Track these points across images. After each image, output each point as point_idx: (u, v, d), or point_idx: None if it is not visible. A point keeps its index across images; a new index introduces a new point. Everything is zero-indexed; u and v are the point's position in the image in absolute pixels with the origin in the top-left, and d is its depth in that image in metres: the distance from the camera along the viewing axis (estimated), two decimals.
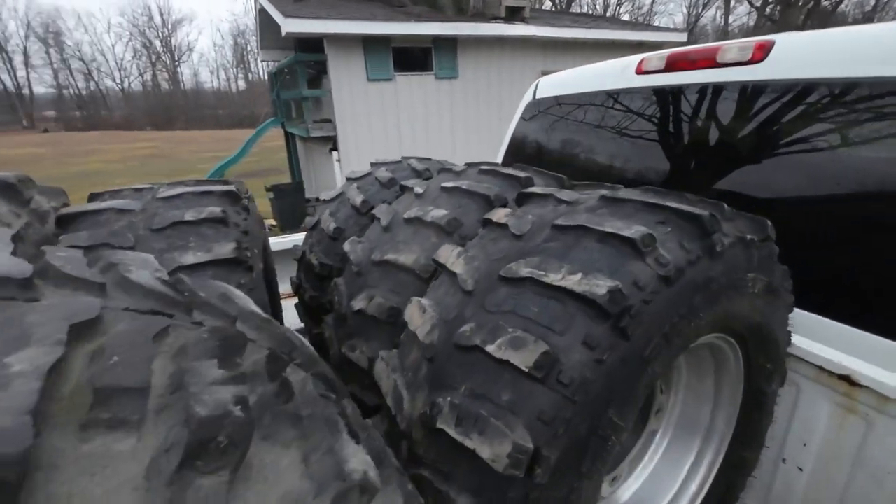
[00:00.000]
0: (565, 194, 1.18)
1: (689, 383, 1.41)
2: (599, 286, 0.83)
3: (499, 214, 1.15)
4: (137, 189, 1.50)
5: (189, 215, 1.34)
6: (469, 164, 1.80)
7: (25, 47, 55.33)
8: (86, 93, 60.43)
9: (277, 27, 9.57)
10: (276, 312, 2.30)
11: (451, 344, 0.94)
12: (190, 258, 1.24)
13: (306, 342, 0.94)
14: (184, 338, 0.56)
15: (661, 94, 2.03)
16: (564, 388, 0.79)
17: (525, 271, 0.92)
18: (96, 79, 60.26)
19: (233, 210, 1.48)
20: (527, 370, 0.80)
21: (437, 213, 1.39)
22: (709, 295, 0.94)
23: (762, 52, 1.64)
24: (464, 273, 1.02)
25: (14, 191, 1.29)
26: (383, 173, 2.03)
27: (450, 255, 1.11)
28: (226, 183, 1.62)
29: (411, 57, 10.95)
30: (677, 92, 1.95)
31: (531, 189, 1.26)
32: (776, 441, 1.49)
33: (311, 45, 10.35)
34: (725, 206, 1.08)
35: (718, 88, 1.79)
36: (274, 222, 11.18)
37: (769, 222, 1.13)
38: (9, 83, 54.63)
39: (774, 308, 1.19)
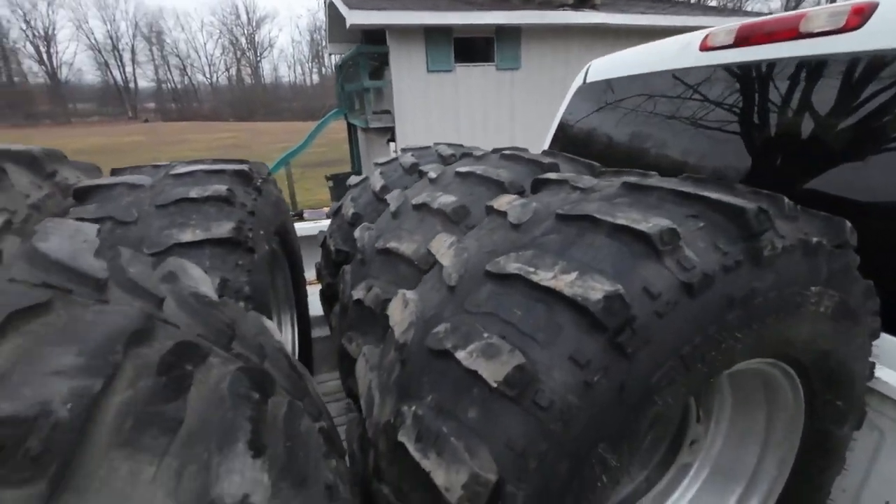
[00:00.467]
0: (584, 181, 1.00)
1: (734, 415, 1.17)
2: (595, 290, 0.66)
3: (501, 201, 1.00)
4: (156, 166, 1.52)
5: (194, 193, 1.32)
6: (494, 150, 1.65)
7: (133, 45, 61.89)
8: (180, 86, 66.53)
9: (344, 19, 9.81)
10: (301, 298, 2.29)
11: (424, 346, 0.81)
12: (188, 236, 1.22)
13: (270, 329, 0.87)
14: (63, 317, 0.49)
15: (729, 73, 1.74)
16: (541, 411, 0.64)
17: (513, 267, 0.78)
18: (189, 74, 66.10)
19: (242, 190, 1.45)
20: (495, 385, 0.66)
21: (445, 200, 1.26)
22: (750, 311, 0.74)
23: (860, 18, 1.33)
24: (450, 266, 0.89)
25: (37, 164, 1.34)
26: (408, 158, 1.94)
27: (441, 246, 0.99)
28: (241, 162, 1.59)
29: (473, 48, 10.78)
30: (749, 70, 1.66)
31: (546, 175, 1.09)
32: (849, 494, 1.22)
33: (375, 37, 10.52)
34: (787, 200, 0.86)
35: (803, 64, 1.49)
36: None
37: (848, 224, 0.89)
38: (118, 78, 61.47)
39: (849, 334, 0.94)
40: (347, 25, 9.63)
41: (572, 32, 11.16)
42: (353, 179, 2.11)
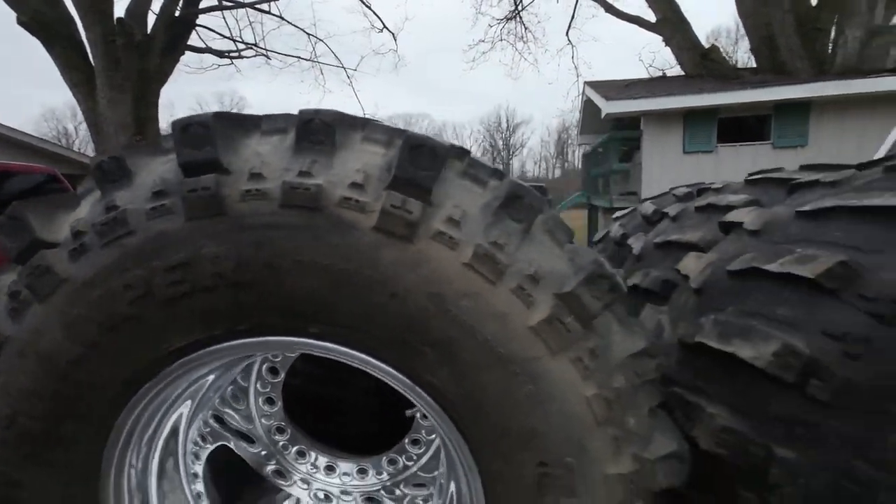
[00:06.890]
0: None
1: None
2: None
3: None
4: None
5: None
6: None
7: None
8: None
9: (598, 112, 10.65)
10: None
11: (722, 273, 0.94)
12: None
13: None
14: None
15: None
16: (868, 303, 0.69)
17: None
18: None
19: None
20: (813, 277, 0.74)
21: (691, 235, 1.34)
22: None
23: None
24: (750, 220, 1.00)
25: None
26: (647, 206, 1.97)
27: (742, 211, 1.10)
28: None
29: (741, 126, 9.94)
30: None
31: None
32: None
33: (627, 124, 10.93)
34: None
35: None
36: None
37: None
38: None
39: None
40: (602, 116, 10.39)
41: (893, 102, 9.00)
42: (597, 236, 2.30)
